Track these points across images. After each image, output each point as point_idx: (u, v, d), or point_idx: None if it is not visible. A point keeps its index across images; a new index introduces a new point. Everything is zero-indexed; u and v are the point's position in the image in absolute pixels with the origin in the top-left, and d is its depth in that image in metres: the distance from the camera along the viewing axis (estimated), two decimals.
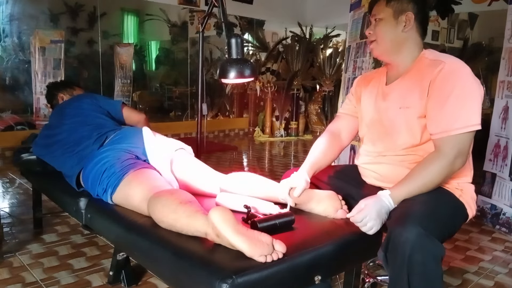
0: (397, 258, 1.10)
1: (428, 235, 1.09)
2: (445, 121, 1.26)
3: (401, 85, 1.40)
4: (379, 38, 1.40)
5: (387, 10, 1.38)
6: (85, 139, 1.74)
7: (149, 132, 1.68)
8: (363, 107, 1.54)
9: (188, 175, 1.62)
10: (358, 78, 1.65)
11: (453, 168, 1.27)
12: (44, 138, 1.97)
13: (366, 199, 1.28)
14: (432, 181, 1.27)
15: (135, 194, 1.40)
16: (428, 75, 1.30)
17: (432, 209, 1.21)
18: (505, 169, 2.56)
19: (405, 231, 1.09)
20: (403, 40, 1.38)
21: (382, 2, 1.40)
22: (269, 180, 1.55)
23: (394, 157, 1.41)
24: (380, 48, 1.42)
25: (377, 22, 1.40)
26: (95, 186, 1.54)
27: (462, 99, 1.25)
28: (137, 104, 7.35)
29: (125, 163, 1.53)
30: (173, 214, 1.19)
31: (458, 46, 6.69)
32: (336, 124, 1.64)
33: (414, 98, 1.33)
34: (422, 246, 1.08)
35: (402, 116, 1.37)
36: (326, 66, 6.54)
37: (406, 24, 1.36)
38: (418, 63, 1.38)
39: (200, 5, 5.84)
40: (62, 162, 1.79)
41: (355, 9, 3.57)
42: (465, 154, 1.28)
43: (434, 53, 1.38)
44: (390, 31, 1.38)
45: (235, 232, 1.04)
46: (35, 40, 5.24)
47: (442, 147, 1.26)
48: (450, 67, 1.28)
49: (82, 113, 1.92)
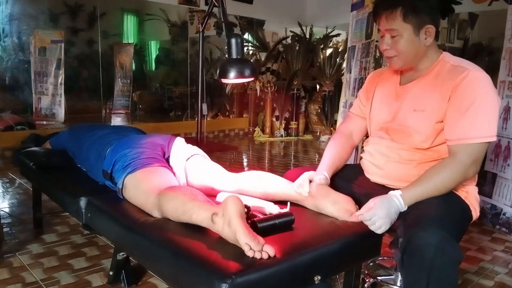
0: (417, 261, 1.10)
1: (449, 239, 1.09)
2: (464, 128, 1.26)
3: (417, 87, 1.39)
4: (401, 55, 1.35)
5: (406, 26, 1.31)
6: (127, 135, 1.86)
7: (181, 140, 1.75)
8: (374, 104, 1.53)
9: (204, 180, 1.63)
10: (370, 75, 1.64)
11: (466, 176, 1.28)
12: (79, 132, 2.02)
13: (376, 198, 1.27)
14: (444, 186, 1.27)
15: (149, 182, 1.44)
16: (450, 81, 1.29)
17: (447, 211, 1.22)
18: (507, 169, 2.56)
19: (427, 235, 1.08)
20: (425, 51, 1.36)
21: (398, 17, 1.31)
22: (281, 178, 1.54)
23: (402, 156, 1.40)
24: (401, 63, 1.38)
25: (396, 38, 1.33)
26: (118, 160, 1.58)
27: (482, 110, 1.25)
28: (137, 104, 7.35)
29: (154, 154, 1.60)
30: (184, 196, 1.26)
31: (458, 46, 6.68)
32: (347, 125, 1.66)
33: (432, 102, 1.32)
34: (445, 250, 1.07)
35: (415, 119, 1.36)
36: (326, 66, 6.53)
37: (427, 37, 1.33)
38: (438, 67, 1.36)
39: (200, 5, 5.84)
40: (90, 146, 1.83)
41: (358, 8, 3.57)
42: (479, 163, 1.29)
43: (454, 58, 1.37)
44: (413, 47, 1.34)
45: (244, 225, 1.06)
46: (35, 40, 5.25)
47: (458, 154, 1.26)
48: (474, 75, 1.27)
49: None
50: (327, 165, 1.50)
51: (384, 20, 1.34)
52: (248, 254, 1.03)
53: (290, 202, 1.37)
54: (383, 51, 1.40)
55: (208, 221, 1.15)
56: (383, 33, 1.38)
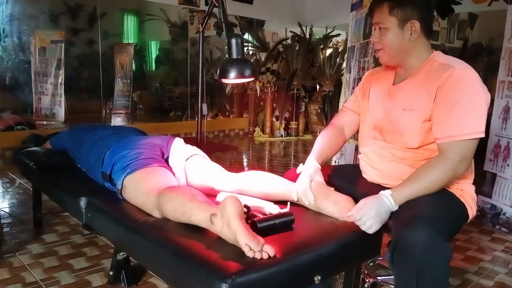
0: (406, 259, 1.10)
1: (437, 237, 1.09)
2: (451, 126, 1.26)
3: (408, 86, 1.40)
4: (386, 48, 1.38)
5: (391, 19, 1.34)
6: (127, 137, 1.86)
7: (180, 141, 1.75)
8: (370, 103, 1.55)
9: (204, 180, 1.63)
10: (367, 74, 1.65)
11: (456, 173, 1.28)
12: (79, 132, 2.02)
13: (367, 198, 1.28)
14: (434, 184, 1.27)
15: (149, 182, 1.44)
16: (436, 80, 1.30)
17: (438, 210, 1.22)
18: (506, 169, 2.56)
19: (416, 233, 1.09)
20: (410, 47, 1.37)
21: (385, 9, 1.35)
22: (281, 178, 1.55)
23: (395, 155, 1.41)
24: (387, 57, 1.41)
25: (382, 31, 1.37)
26: (117, 161, 1.58)
27: (469, 106, 1.25)
28: (137, 104, 7.35)
29: (153, 155, 1.60)
30: (183, 197, 1.25)
31: (458, 46, 6.69)
32: (340, 119, 1.67)
33: (420, 101, 1.33)
34: (433, 248, 1.07)
35: (405, 118, 1.37)
36: (326, 66, 6.54)
37: (412, 32, 1.34)
38: (427, 65, 1.37)
39: (200, 5, 5.84)
40: (91, 147, 1.83)
41: (357, 8, 3.57)
42: (469, 160, 1.28)
43: (444, 57, 1.37)
44: (397, 41, 1.36)
45: (243, 225, 1.06)
46: (35, 40, 5.25)
47: (446, 152, 1.27)
48: (460, 73, 1.28)
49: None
50: (317, 154, 1.51)
51: (375, 14, 1.40)
52: (248, 254, 1.03)
53: (290, 202, 1.37)
54: (372, 44, 1.44)
55: (207, 222, 1.15)
56: (375, 27, 1.42)
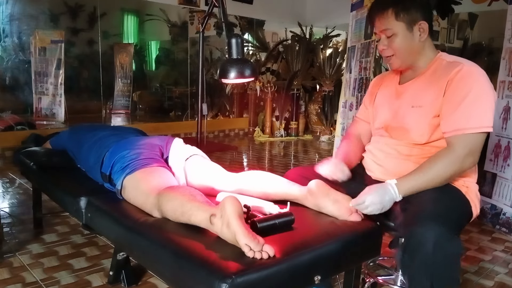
0: (417, 257, 1.11)
1: (447, 233, 1.10)
2: (459, 120, 1.28)
3: (415, 85, 1.43)
4: (398, 53, 1.40)
5: (398, 24, 1.36)
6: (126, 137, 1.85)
7: (180, 141, 1.75)
8: (377, 104, 1.59)
9: (204, 180, 1.63)
10: (374, 79, 1.72)
11: (462, 167, 1.29)
12: (79, 132, 2.02)
13: (372, 185, 1.31)
14: (439, 176, 1.28)
15: (148, 182, 1.44)
16: (445, 75, 1.33)
17: (445, 206, 1.23)
18: (507, 169, 2.56)
19: (425, 230, 1.10)
20: (421, 48, 1.40)
21: (390, 16, 1.37)
22: (281, 178, 1.55)
23: (400, 152, 1.44)
24: (399, 61, 1.43)
25: (391, 38, 1.38)
26: (117, 162, 1.58)
27: (477, 101, 1.27)
28: (137, 104, 7.35)
29: (153, 155, 1.60)
30: (183, 197, 1.25)
31: (458, 46, 6.69)
32: (356, 128, 1.72)
33: (428, 97, 1.36)
34: (444, 244, 1.08)
35: (414, 115, 1.39)
36: (326, 66, 6.53)
37: (421, 33, 1.37)
38: (435, 64, 1.40)
39: (200, 5, 5.84)
40: (90, 147, 1.83)
41: (358, 8, 3.57)
42: (476, 154, 1.29)
43: (451, 56, 1.41)
44: (408, 44, 1.38)
45: (243, 225, 1.06)
46: (35, 40, 5.25)
47: (453, 145, 1.29)
48: (469, 69, 1.31)
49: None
50: (342, 156, 1.56)
51: (378, 22, 1.41)
52: (248, 254, 1.03)
53: (290, 202, 1.37)
54: (381, 52, 1.45)
55: (207, 222, 1.15)
56: (379, 36, 1.43)
